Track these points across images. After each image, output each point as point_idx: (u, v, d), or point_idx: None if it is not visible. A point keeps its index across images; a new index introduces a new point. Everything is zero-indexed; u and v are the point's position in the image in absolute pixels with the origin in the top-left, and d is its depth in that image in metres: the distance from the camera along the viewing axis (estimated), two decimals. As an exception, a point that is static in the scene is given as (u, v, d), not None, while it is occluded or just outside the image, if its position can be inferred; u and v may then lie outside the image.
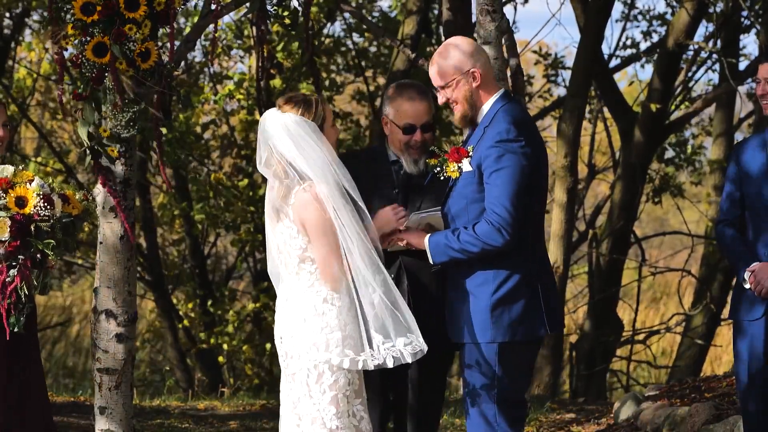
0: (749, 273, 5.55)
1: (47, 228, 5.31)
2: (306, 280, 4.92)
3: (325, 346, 4.84)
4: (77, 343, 19.38)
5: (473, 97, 5.09)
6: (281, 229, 4.95)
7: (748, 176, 5.67)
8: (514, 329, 5.01)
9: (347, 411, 4.87)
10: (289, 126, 4.91)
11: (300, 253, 4.91)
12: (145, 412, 9.56)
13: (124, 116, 5.58)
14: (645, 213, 18.06)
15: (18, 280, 5.27)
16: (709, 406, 7.17)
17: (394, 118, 5.60)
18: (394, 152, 5.65)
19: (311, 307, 4.89)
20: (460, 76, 5.07)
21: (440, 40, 13.84)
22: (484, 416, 5.06)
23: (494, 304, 5.00)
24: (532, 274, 5.06)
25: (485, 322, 5.00)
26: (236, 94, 13.61)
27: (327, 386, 4.85)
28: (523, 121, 5.07)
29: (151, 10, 5.55)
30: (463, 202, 5.08)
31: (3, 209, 5.26)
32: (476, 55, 5.10)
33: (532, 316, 5.04)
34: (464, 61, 5.07)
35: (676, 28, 12.53)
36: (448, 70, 5.08)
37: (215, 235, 16.09)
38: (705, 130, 15.82)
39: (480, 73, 5.07)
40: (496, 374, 5.03)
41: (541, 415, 9.09)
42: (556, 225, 11.14)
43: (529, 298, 5.03)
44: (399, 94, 5.61)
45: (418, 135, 5.56)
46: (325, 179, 4.85)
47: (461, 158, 5.08)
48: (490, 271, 5.02)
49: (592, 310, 13.43)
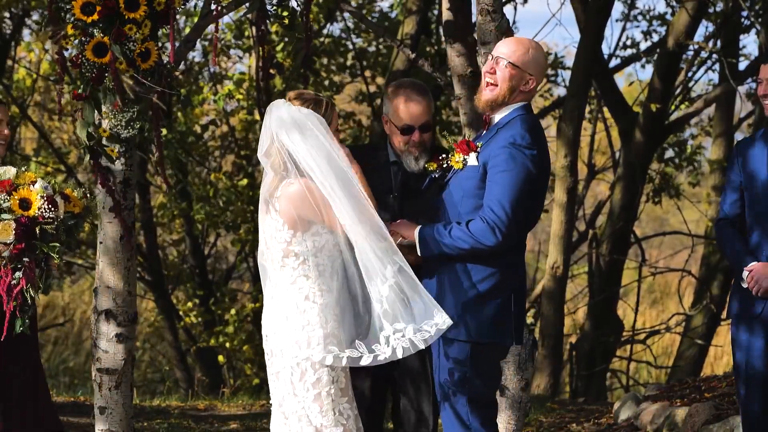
0: (747, 272, 5.55)
1: (52, 230, 5.30)
2: (289, 276, 4.90)
3: (307, 343, 4.84)
4: (77, 343, 19.38)
5: (510, 95, 5.10)
6: (269, 221, 4.94)
7: (748, 175, 5.67)
8: (483, 330, 5.00)
9: (333, 409, 4.86)
10: (296, 116, 4.89)
11: (284, 247, 4.89)
12: (145, 412, 9.56)
13: (124, 116, 5.58)
14: (645, 213, 18.06)
15: (23, 283, 5.27)
16: (709, 406, 7.17)
17: (392, 118, 5.59)
18: (395, 151, 5.63)
19: (293, 305, 4.88)
20: (524, 71, 5.10)
21: (440, 40, 13.85)
22: (458, 415, 5.07)
23: (467, 302, 5.00)
24: (508, 281, 5.05)
25: (458, 318, 4.98)
26: (236, 94, 13.61)
27: (310, 384, 4.84)
28: (538, 132, 5.11)
29: (151, 10, 5.55)
30: (459, 194, 5.08)
31: (7, 212, 5.26)
32: (543, 71, 5.20)
33: (501, 323, 5.03)
34: (535, 66, 5.12)
35: (676, 28, 12.54)
36: (523, 58, 5.09)
37: (215, 235, 16.09)
38: (705, 130, 15.82)
39: (533, 85, 5.13)
40: (466, 372, 5.04)
41: (541, 415, 9.09)
42: (556, 225, 11.13)
43: (501, 303, 5.03)
44: (397, 94, 5.59)
45: (417, 135, 5.54)
46: (330, 172, 4.82)
47: (469, 151, 5.08)
48: (468, 268, 5.01)
49: (592, 310, 13.44)
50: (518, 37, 5.24)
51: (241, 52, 14.75)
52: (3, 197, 5.26)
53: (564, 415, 9.20)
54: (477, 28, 6.21)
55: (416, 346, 4.76)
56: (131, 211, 5.84)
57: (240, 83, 13.72)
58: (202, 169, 15.19)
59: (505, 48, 5.14)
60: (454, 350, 5.03)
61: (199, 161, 14.97)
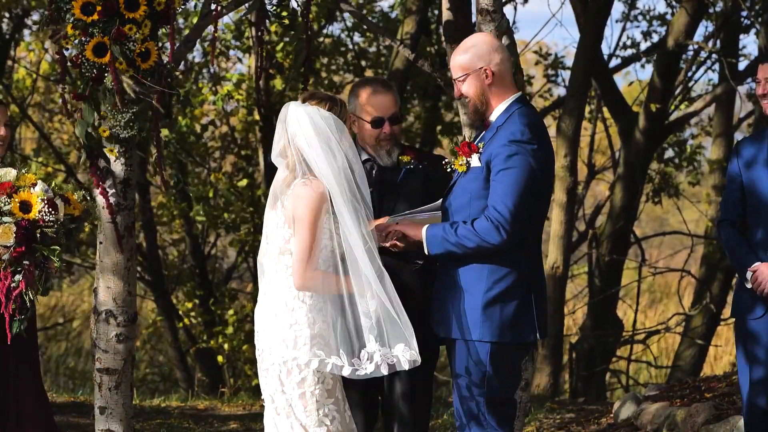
0: (751, 273, 5.55)
1: (52, 233, 5.30)
2: (283, 273, 4.91)
3: (294, 343, 4.85)
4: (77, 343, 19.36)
5: (485, 95, 5.11)
6: (273, 216, 4.95)
7: (749, 176, 5.67)
8: (504, 330, 5.01)
9: (317, 410, 4.86)
10: (315, 119, 4.89)
11: (282, 244, 4.90)
12: (145, 412, 9.56)
13: (124, 116, 5.58)
14: (645, 213, 18.05)
15: (23, 286, 5.26)
16: (708, 406, 7.17)
17: (360, 113, 5.61)
18: (365, 149, 5.65)
19: (282, 303, 4.89)
20: (471, 72, 5.10)
21: (440, 40, 13.85)
22: (474, 415, 5.07)
23: (487, 303, 5.00)
24: (527, 276, 5.06)
25: (477, 319, 5.00)
26: (235, 94, 13.61)
27: (296, 383, 4.87)
28: (537, 125, 5.10)
29: (151, 10, 5.55)
30: (467, 197, 5.09)
31: (8, 215, 5.25)
32: (492, 54, 5.12)
33: (523, 320, 5.04)
34: (478, 59, 5.10)
35: (676, 28, 12.54)
36: (462, 65, 5.13)
37: (215, 235, 16.08)
38: (705, 130, 15.81)
39: (493, 72, 5.10)
40: (486, 373, 5.04)
41: (541, 415, 9.08)
42: (556, 225, 11.13)
43: (521, 300, 5.03)
44: (363, 89, 5.65)
45: (387, 127, 5.58)
46: (338, 182, 4.83)
47: (471, 153, 5.09)
48: (485, 267, 5.01)
49: (592, 310, 13.43)
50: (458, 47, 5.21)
51: (241, 53, 14.74)
52: (4, 200, 5.25)
53: (564, 415, 9.20)
54: (477, 28, 6.21)
55: (401, 365, 4.80)
56: (131, 211, 5.84)
57: (239, 83, 13.71)
58: (202, 170, 15.18)
59: (451, 67, 5.21)
60: (474, 350, 5.03)
61: (199, 162, 14.97)
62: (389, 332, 4.82)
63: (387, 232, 5.19)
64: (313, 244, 4.82)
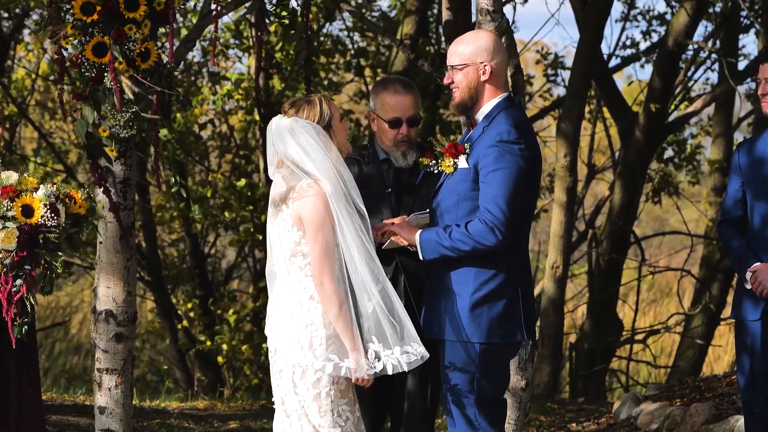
0: (751, 273, 5.55)
1: (54, 238, 5.28)
2: (295, 275, 4.91)
3: (309, 343, 4.84)
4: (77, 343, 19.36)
5: (476, 90, 5.11)
6: (278, 222, 4.95)
7: (750, 176, 5.67)
8: (492, 331, 5.01)
9: (331, 410, 4.86)
10: (295, 130, 4.91)
11: (292, 247, 4.90)
12: (145, 412, 9.56)
13: (123, 116, 5.58)
14: (645, 213, 18.05)
15: (24, 290, 5.25)
16: (708, 406, 7.17)
17: (380, 112, 5.60)
18: (384, 149, 5.64)
19: (297, 304, 4.88)
20: (471, 64, 5.09)
21: (439, 40, 13.85)
22: (465, 416, 5.07)
23: (474, 304, 5.01)
24: (514, 277, 5.06)
25: (465, 320, 5.01)
26: (234, 94, 13.60)
27: (311, 384, 4.85)
28: (524, 125, 5.10)
29: (151, 10, 5.55)
30: (455, 198, 5.09)
31: (11, 219, 5.23)
32: (494, 53, 5.12)
33: (511, 320, 5.04)
34: (480, 53, 5.10)
35: (676, 28, 12.54)
36: (464, 54, 5.12)
37: (215, 235, 16.08)
38: (704, 130, 15.81)
39: (491, 70, 5.10)
40: (475, 374, 5.04)
41: (541, 415, 9.09)
42: (555, 225, 11.13)
43: (509, 300, 5.04)
44: (384, 88, 5.61)
45: (405, 129, 5.55)
46: (330, 183, 4.85)
47: (458, 154, 5.09)
48: (472, 270, 5.02)
49: (592, 310, 13.43)
50: (461, 36, 5.23)
51: (240, 53, 14.73)
52: (6, 204, 5.23)
53: (564, 415, 9.20)
54: (477, 27, 6.21)
55: (402, 366, 4.82)
56: (131, 211, 5.85)
57: (239, 84, 13.71)
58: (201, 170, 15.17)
59: (448, 53, 5.19)
60: (462, 352, 5.04)
61: (198, 161, 14.97)
62: (390, 333, 4.82)
63: (383, 232, 5.20)
64: (332, 244, 4.83)
